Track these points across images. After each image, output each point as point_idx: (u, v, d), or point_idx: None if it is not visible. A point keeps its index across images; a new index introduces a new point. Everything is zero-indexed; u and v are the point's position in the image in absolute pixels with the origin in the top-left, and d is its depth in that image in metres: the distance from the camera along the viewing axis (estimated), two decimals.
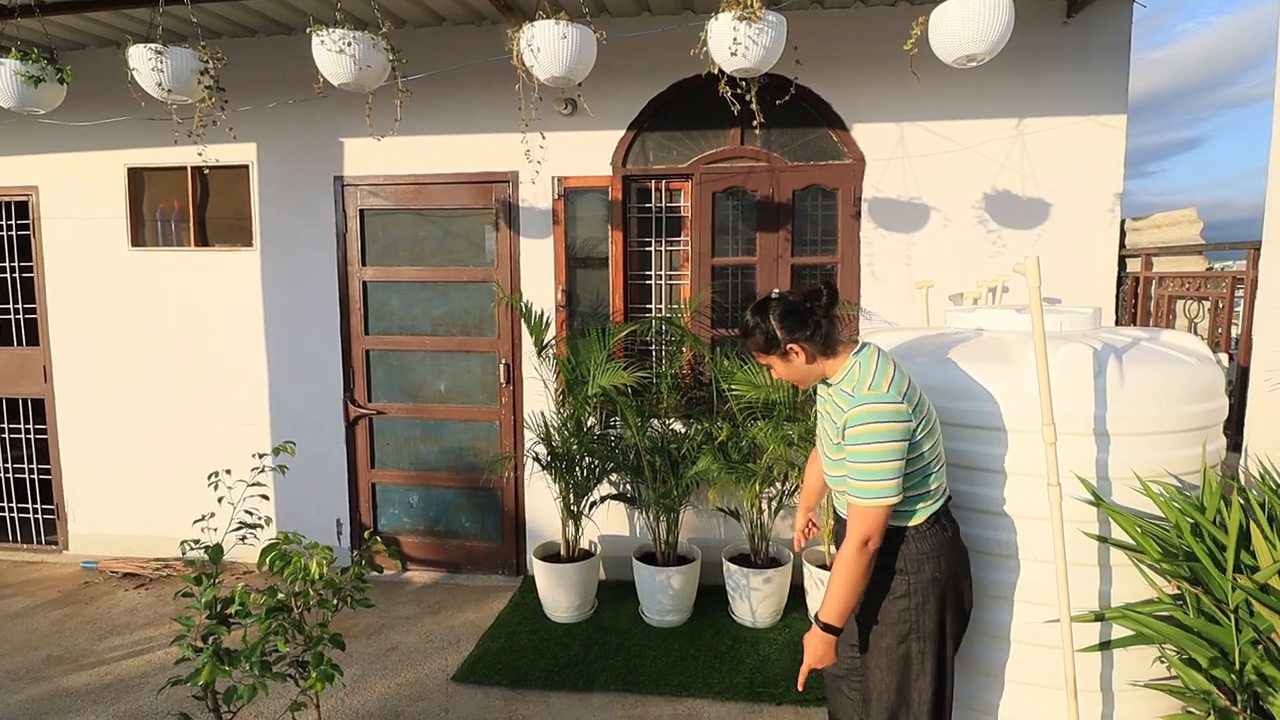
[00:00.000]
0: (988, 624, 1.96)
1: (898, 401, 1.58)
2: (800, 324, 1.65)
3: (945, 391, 1.99)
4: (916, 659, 1.68)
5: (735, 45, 2.41)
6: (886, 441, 1.55)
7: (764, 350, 1.71)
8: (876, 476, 1.56)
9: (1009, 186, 3.29)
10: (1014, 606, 1.92)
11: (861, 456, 1.57)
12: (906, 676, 1.70)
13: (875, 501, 1.57)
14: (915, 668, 1.69)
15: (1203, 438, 1.93)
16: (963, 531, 1.82)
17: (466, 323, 3.79)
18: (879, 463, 1.55)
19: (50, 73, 2.95)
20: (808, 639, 1.67)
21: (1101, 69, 3.17)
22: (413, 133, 3.57)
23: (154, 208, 3.96)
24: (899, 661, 1.69)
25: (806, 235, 3.50)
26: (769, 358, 1.72)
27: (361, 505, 3.93)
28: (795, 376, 1.74)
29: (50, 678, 2.89)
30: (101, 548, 4.10)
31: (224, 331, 3.90)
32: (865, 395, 1.59)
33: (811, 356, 1.68)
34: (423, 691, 2.77)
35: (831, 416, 1.70)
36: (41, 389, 4.12)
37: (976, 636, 1.98)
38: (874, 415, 1.56)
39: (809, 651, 1.66)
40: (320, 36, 2.62)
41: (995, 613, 1.95)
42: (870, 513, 1.57)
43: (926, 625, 1.67)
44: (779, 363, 1.72)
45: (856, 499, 1.59)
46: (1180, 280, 3.56)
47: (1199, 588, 1.66)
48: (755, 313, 1.71)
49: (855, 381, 1.63)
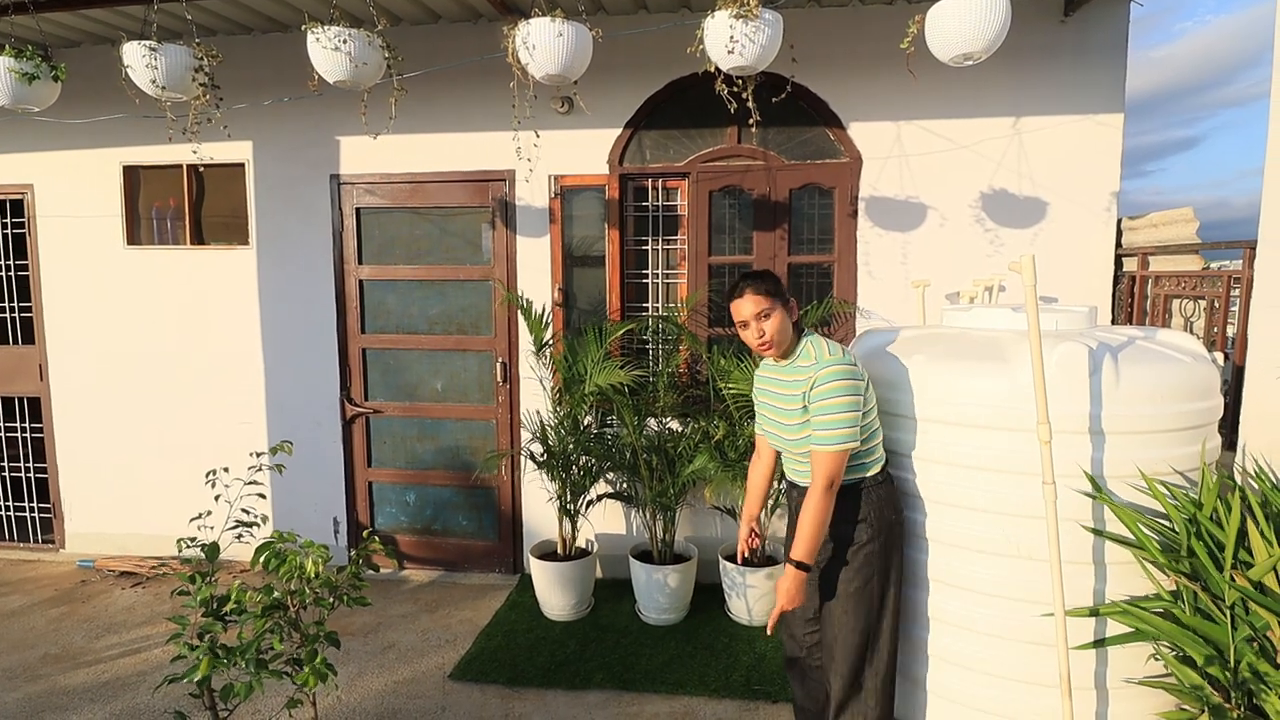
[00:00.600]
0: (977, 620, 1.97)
1: (854, 365, 1.88)
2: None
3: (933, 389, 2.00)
4: (878, 598, 1.92)
5: (732, 43, 2.40)
6: (847, 395, 1.83)
7: (773, 295, 1.91)
8: (840, 425, 1.82)
9: (1006, 185, 3.30)
10: (1006, 603, 1.93)
11: (828, 409, 1.83)
12: (869, 616, 1.92)
13: (838, 446, 1.83)
14: (878, 606, 1.92)
15: (1199, 436, 1.94)
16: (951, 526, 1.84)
17: (463, 321, 3.79)
18: (842, 413, 1.82)
19: (45, 70, 2.94)
20: (780, 582, 1.86)
21: (1099, 68, 3.17)
22: (409, 131, 3.56)
23: (150, 206, 3.95)
24: (864, 603, 1.91)
25: (803, 234, 3.50)
26: (774, 305, 1.91)
27: (358, 504, 3.93)
28: (783, 332, 1.93)
29: (47, 676, 2.89)
30: (98, 546, 4.10)
31: (220, 330, 3.89)
32: (828, 359, 1.87)
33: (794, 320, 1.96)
34: (420, 689, 2.77)
35: (782, 392, 1.96)
36: (37, 387, 4.11)
37: (964, 633, 1.99)
38: (839, 374, 1.84)
39: (782, 594, 1.86)
40: (315, 34, 2.61)
41: (987, 609, 1.95)
42: (834, 457, 1.83)
43: (885, 566, 1.92)
44: (780, 313, 1.91)
45: (821, 446, 1.83)
46: (1176, 279, 3.57)
47: (1197, 584, 1.66)
48: (761, 275, 1.94)
49: (814, 356, 1.90)
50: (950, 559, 2.01)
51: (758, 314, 1.90)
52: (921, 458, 2.06)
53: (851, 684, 1.94)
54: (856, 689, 1.95)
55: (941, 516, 2.02)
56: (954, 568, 2.00)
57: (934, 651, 2.07)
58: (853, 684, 1.94)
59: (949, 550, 2.01)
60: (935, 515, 2.03)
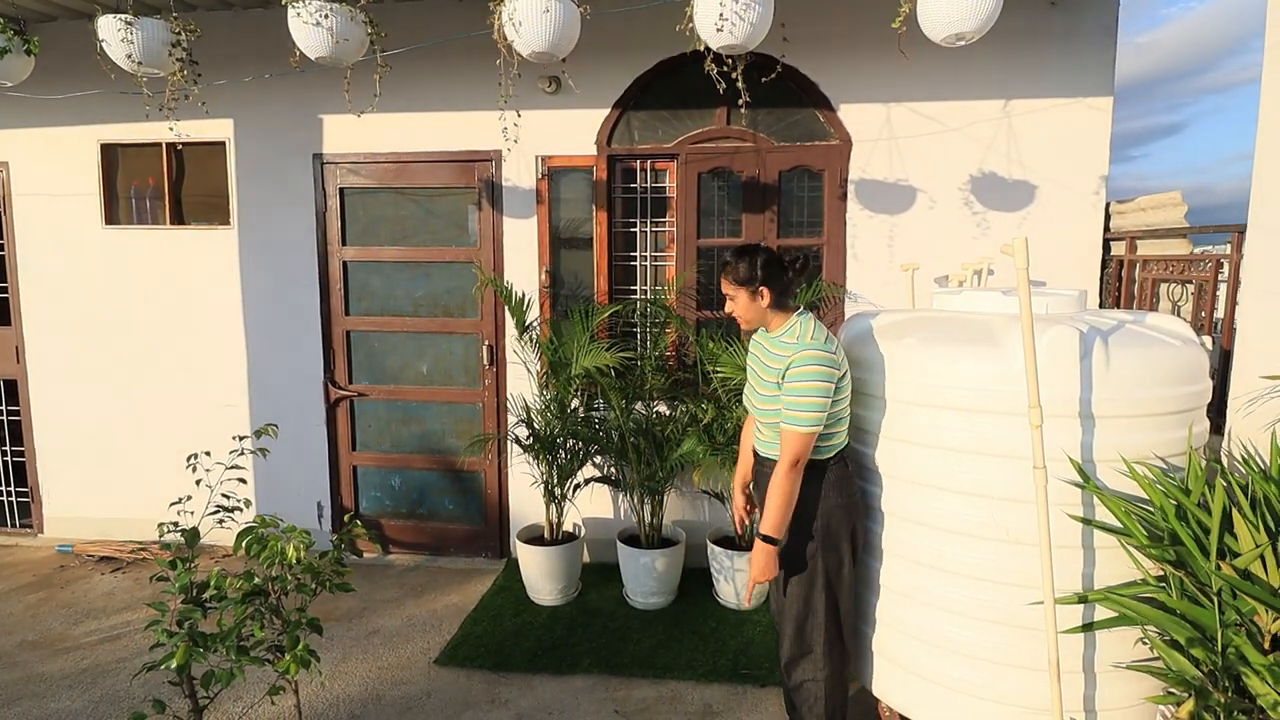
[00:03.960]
0: (969, 603, 1.97)
1: (833, 353, 1.95)
2: (776, 275, 1.99)
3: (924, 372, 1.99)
4: (820, 570, 2.01)
5: (722, 21, 2.36)
6: (820, 381, 1.90)
7: (740, 281, 2.00)
8: (809, 408, 1.89)
9: (995, 169, 3.28)
10: (995, 588, 1.93)
11: (800, 391, 1.89)
12: (810, 585, 2.03)
13: (806, 428, 1.90)
14: (821, 578, 2.02)
15: (1187, 420, 1.94)
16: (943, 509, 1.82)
17: (449, 304, 3.74)
18: (812, 397, 1.89)
19: (17, 44, 2.87)
20: (753, 556, 1.96)
21: (1088, 51, 3.15)
22: (394, 110, 3.49)
23: (128, 185, 3.87)
24: (806, 573, 2.03)
25: (792, 217, 3.48)
26: (740, 289, 2.01)
27: (343, 488, 3.89)
28: (749, 314, 2.04)
29: (25, 663, 2.86)
30: (77, 531, 4.04)
31: (202, 311, 3.83)
32: (809, 343, 1.93)
33: (771, 304, 2.00)
34: (405, 675, 2.76)
35: (766, 362, 2.03)
36: (14, 369, 4.03)
37: (951, 616, 1.99)
38: (815, 359, 1.90)
39: (755, 566, 1.96)
40: (296, 9, 2.55)
41: (976, 592, 1.96)
42: (801, 437, 1.90)
43: (830, 542, 2.01)
44: (745, 296, 2.01)
45: (790, 426, 1.91)
46: (1164, 263, 3.58)
47: (1183, 570, 1.66)
48: (746, 252, 2.01)
49: (798, 335, 1.97)
50: (934, 541, 2.01)
51: (726, 295, 2.07)
52: (909, 440, 2.05)
53: (797, 645, 2.08)
54: (805, 650, 2.08)
55: (927, 499, 2.02)
56: (939, 549, 2.00)
57: (914, 631, 2.07)
58: (799, 645, 2.08)
59: (934, 533, 2.01)
60: (920, 497, 2.03)
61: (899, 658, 2.13)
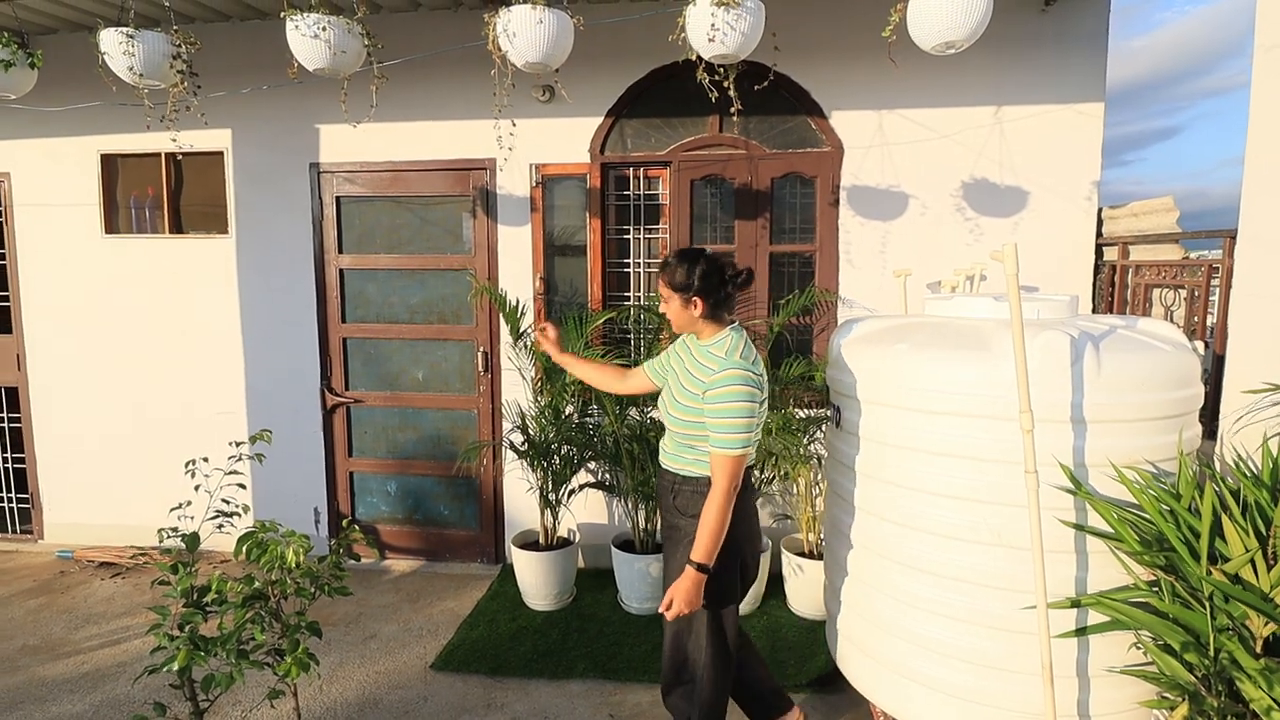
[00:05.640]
0: (960, 607, 1.99)
1: (759, 375, 1.91)
2: (712, 287, 1.94)
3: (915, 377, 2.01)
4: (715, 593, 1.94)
5: (714, 31, 2.39)
6: (746, 401, 1.85)
7: (674, 288, 1.96)
8: (740, 429, 1.84)
9: (987, 175, 3.31)
10: (987, 592, 1.94)
11: (729, 412, 1.84)
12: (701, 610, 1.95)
13: (738, 450, 1.85)
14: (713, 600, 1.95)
15: (1179, 425, 1.94)
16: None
17: (444, 311, 3.77)
18: (742, 417, 1.84)
19: (21, 57, 2.90)
20: (679, 584, 1.87)
21: (1080, 57, 3.18)
22: (390, 119, 3.53)
23: (128, 194, 3.90)
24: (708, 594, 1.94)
25: (785, 223, 3.51)
26: (673, 294, 1.97)
27: (339, 494, 3.92)
28: (679, 320, 2.00)
29: (26, 667, 2.88)
30: (77, 536, 4.07)
31: (200, 319, 3.86)
32: (736, 361, 1.89)
33: (703, 314, 1.96)
34: (401, 680, 2.78)
35: (690, 370, 1.98)
36: (15, 377, 4.06)
37: (943, 620, 2.01)
38: (743, 379, 1.86)
39: (681, 596, 1.87)
40: (295, 21, 2.58)
41: (968, 597, 1.97)
42: (734, 461, 1.85)
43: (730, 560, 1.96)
44: (678, 302, 1.97)
45: (721, 449, 1.85)
46: (1157, 268, 3.58)
47: (1174, 575, 1.67)
48: (686, 257, 1.97)
49: (727, 348, 1.93)
50: (925, 545, 2.02)
51: (660, 295, 2.03)
52: (900, 445, 2.07)
53: (676, 665, 2.05)
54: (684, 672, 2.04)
55: (917, 503, 2.03)
56: (930, 554, 2.01)
57: (905, 635, 2.09)
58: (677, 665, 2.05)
59: (924, 537, 2.02)
60: (911, 501, 2.05)
61: (890, 660, 2.14)
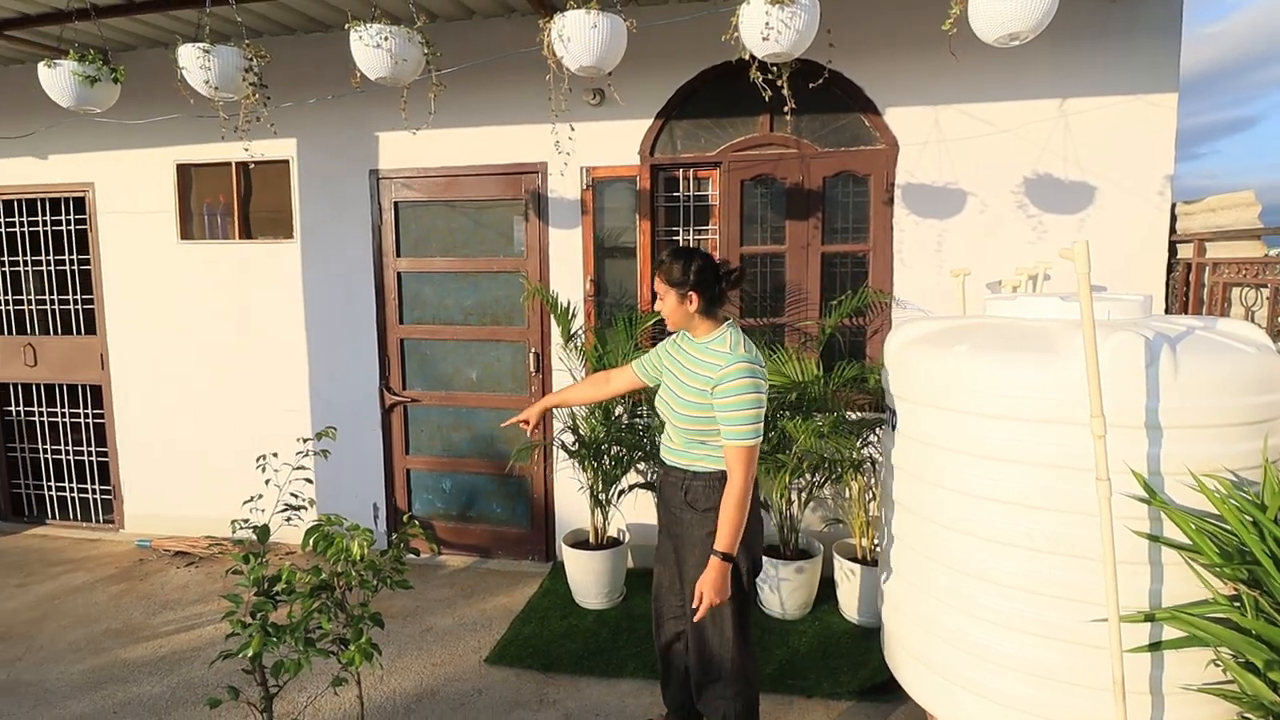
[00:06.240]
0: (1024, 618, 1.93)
1: (762, 365, 1.98)
2: (707, 283, 2.00)
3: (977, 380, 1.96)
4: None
5: (768, 30, 2.38)
6: (755, 393, 1.91)
7: (671, 283, 2.01)
8: (752, 420, 1.90)
9: (1051, 170, 3.19)
10: (1053, 603, 1.88)
11: (741, 405, 1.90)
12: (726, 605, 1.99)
13: (753, 440, 1.91)
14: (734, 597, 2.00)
15: (1263, 431, 1.84)
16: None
17: (497, 312, 3.84)
18: (754, 409, 1.90)
19: (105, 73, 3.08)
20: (705, 575, 1.92)
21: (1150, 45, 3.04)
22: (445, 126, 3.62)
23: (200, 202, 4.11)
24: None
25: (837, 223, 3.45)
26: (670, 291, 2.02)
27: (397, 490, 4.03)
28: (674, 317, 2.05)
29: (109, 649, 3.06)
30: (155, 527, 4.30)
31: (267, 320, 4.03)
32: (741, 355, 1.94)
33: (698, 309, 2.01)
34: (457, 673, 2.84)
35: (690, 368, 2.03)
36: (99, 375, 4.32)
37: (1006, 631, 1.95)
38: (750, 371, 1.92)
39: (711, 587, 1.92)
40: (358, 32, 2.68)
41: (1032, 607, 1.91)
42: (750, 451, 1.91)
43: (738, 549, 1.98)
44: (674, 298, 2.02)
45: (737, 440, 1.91)
46: (1237, 266, 3.39)
47: (1258, 589, 1.59)
48: (682, 254, 2.02)
49: (728, 344, 1.98)
50: (986, 553, 1.97)
51: (656, 292, 2.08)
52: (958, 449, 2.02)
53: (704, 663, 2.08)
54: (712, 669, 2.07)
55: (977, 509, 1.98)
56: (991, 562, 1.96)
57: (966, 646, 2.03)
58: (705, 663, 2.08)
59: (983, 544, 1.97)
60: (971, 508, 1.99)
61: (949, 670, 2.09)
